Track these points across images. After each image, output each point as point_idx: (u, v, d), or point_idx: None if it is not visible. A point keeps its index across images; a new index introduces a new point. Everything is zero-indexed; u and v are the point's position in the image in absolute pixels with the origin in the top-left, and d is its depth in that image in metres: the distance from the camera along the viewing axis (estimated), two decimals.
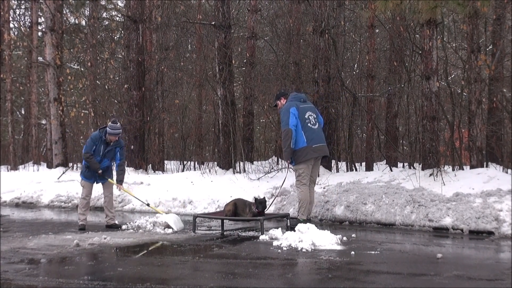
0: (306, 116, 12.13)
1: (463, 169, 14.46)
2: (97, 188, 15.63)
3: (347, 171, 17.43)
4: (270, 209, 13.91)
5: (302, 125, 12.03)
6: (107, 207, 12.66)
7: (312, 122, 12.19)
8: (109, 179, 12.66)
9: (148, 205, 13.61)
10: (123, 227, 12.31)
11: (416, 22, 16.49)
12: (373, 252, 9.06)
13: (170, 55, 23.89)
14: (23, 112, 38.84)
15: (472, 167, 14.52)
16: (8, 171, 26.53)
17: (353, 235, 10.68)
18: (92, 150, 12.28)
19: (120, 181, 12.72)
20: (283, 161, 20.62)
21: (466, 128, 15.76)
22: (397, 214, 12.10)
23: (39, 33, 31.16)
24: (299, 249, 9.29)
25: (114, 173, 13.04)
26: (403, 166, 18.62)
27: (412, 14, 13.88)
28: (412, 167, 16.17)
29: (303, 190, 12.05)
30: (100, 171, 12.34)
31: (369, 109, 20.16)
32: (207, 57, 22.24)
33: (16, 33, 36.50)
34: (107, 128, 12.23)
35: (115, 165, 12.94)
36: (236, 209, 12.06)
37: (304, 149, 11.96)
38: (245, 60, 24.11)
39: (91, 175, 12.46)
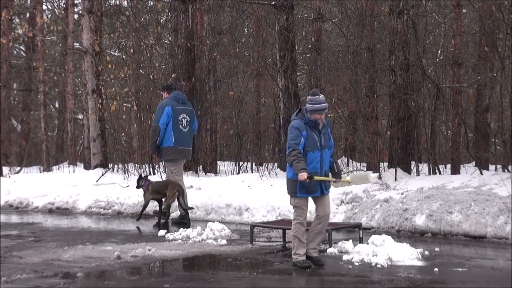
0: (179, 118, 15.05)
1: None
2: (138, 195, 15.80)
3: (429, 174, 17.26)
4: (339, 218, 13.88)
5: (173, 126, 14.92)
6: (320, 233, 9.76)
7: (183, 125, 15.14)
8: (330, 178, 9.76)
9: (334, 181, 9.97)
10: (170, 237, 12.41)
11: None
12: (460, 269, 8.97)
13: (224, 40, 23.97)
14: (57, 105, 39.43)
15: None
16: (40, 172, 26.98)
17: (436, 249, 10.58)
18: (301, 145, 9.40)
19: (338, 174, 9.96)
20: (354, 162, 20.56)
21: None
22: (489, 225, 11.94)
23: (76, 16, 31.60)
24: (373, 264, 9.25)
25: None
26: (496, 169, 18.34)
27: None
28: (506, 170, 15.93)
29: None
30: (308, 177, 9.12)
31: (455, 102, 19.92)
32: (266, 42, 22.26)
33: (49, 16, 37.09)
34: (307, 105, 9.47)
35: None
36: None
37: (170, 148, 14.91)
38: (310, 46, 24.02)
39: (309, 187, 9.45)
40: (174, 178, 15.08)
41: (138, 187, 15.46)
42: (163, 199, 15.04)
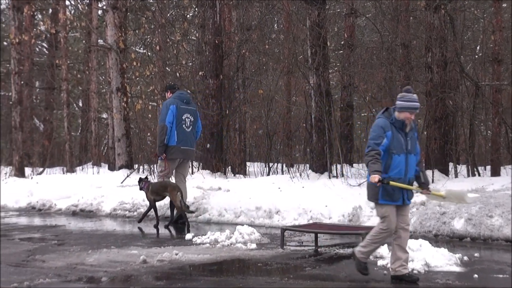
0: (183, 118, 15.48)
1: None
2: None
3: (468, 176, 17.17)
4: (374, 222, 13.82)
5: (177, 125, 15.37)
6: (401, 248, 8.92)
7: (187, 125, 15.57)
8: (414, 187, 8.93)
9: (421, 192, 9.18)
10: (197, 240, 12.42)
11: None
12: (501, 276, 8.91)
13: (253, 36, 23.97)
14: (81, 104, 39.66)
15: None
16: (63, 173, 27.11)
17: (475, 254, 10.51)
18: (383, 146, 8.70)
19: (426, 184, 9.08)
20: None
21: None
22: None
23: (99, 12, 31.73)
24: (410, 270, 9.19)
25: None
26: None
27: None
28: None
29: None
30: (380, 180, 8.51)
31: (495, 100, 19.80)
32: (297, 39, 22.23)
33: (72, 12, 37.28)
34: (398, 102, 8.81)
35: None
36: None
37: (172, 147, 15.36)
38: (342, 42, 23.99)
39: (392, 193, 8.71)
40: (163, 177, 15.67)
41: (140, 189, 15.74)
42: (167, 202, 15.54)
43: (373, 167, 8.49)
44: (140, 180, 15.73)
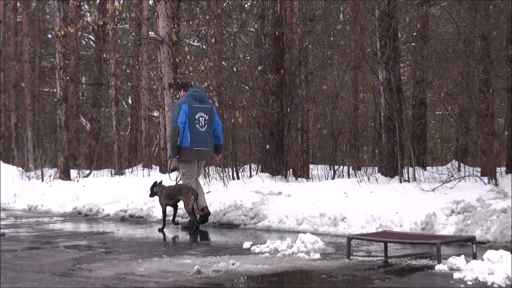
0: (196, 117, 15.92)
1: None
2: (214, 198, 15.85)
3: None
4: (449, 230, 13.71)
5: (189, 125, 15.81)
6: None
7: (201, 124, 16.01)
8: None
9: None
10: (256, 249, 12.41)
11: None
12: None
13: (317, 27, 23.93)
14: (130, 101, 40.00)
15: None
16: (112, 176, 27.33)
17: None
18: None
19: None
20: (466, 166, 20.27)
21: None
22: None
23: (150, 2, 31.96)
24: (489, 284, 9.08)
25: None
26: None
27: None
28: None
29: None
30: None
31: None
32: (364, 30, 22.13)
33: (121, 1, 37.63)
34: None
35: None
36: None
37: (185, 149, 15.83)
38: (415, 33, 23.84)
39: None
40: (185, 181, 16.13)
41: (152, 195, 16.15)
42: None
43: None
44: (155, 184, 16.09)
